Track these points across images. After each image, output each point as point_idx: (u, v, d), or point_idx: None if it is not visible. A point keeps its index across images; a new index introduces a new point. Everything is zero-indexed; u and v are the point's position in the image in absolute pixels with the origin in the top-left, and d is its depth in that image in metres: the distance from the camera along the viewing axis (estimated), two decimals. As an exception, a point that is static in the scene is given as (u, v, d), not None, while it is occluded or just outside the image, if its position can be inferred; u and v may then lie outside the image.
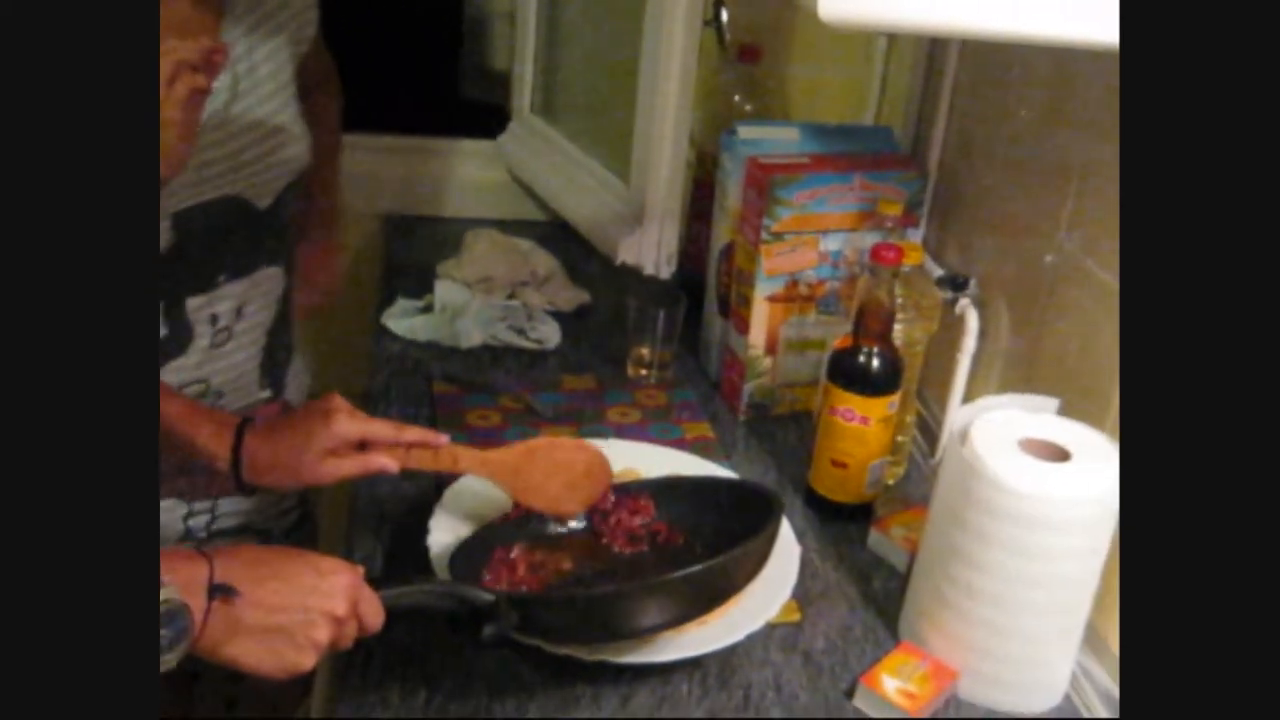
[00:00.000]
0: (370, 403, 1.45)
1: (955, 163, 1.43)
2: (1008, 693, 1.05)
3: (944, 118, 1.43)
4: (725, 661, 1.07)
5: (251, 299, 1.25)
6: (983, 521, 0.99)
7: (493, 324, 1.56)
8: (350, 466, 1.04)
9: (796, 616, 1.13)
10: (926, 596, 1.08)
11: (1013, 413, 1.06)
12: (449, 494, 1.17)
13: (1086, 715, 1.06)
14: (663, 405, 1.47)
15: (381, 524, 1.22)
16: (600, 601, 0.93)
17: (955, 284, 1.33)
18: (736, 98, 1.63)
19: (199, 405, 1.11)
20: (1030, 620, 1.01)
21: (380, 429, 1.06)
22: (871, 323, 1.20)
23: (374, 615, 0.87)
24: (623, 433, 1.39)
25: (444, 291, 1.60)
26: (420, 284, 1.68)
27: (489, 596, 0.90)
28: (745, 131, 1.40)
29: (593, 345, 1.61)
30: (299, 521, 1.50)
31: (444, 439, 1.08)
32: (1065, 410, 1.08)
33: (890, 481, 1.34)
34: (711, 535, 1.10)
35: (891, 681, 1.04)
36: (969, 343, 1.32)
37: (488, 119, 1.95)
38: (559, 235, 1.81)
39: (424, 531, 1.14)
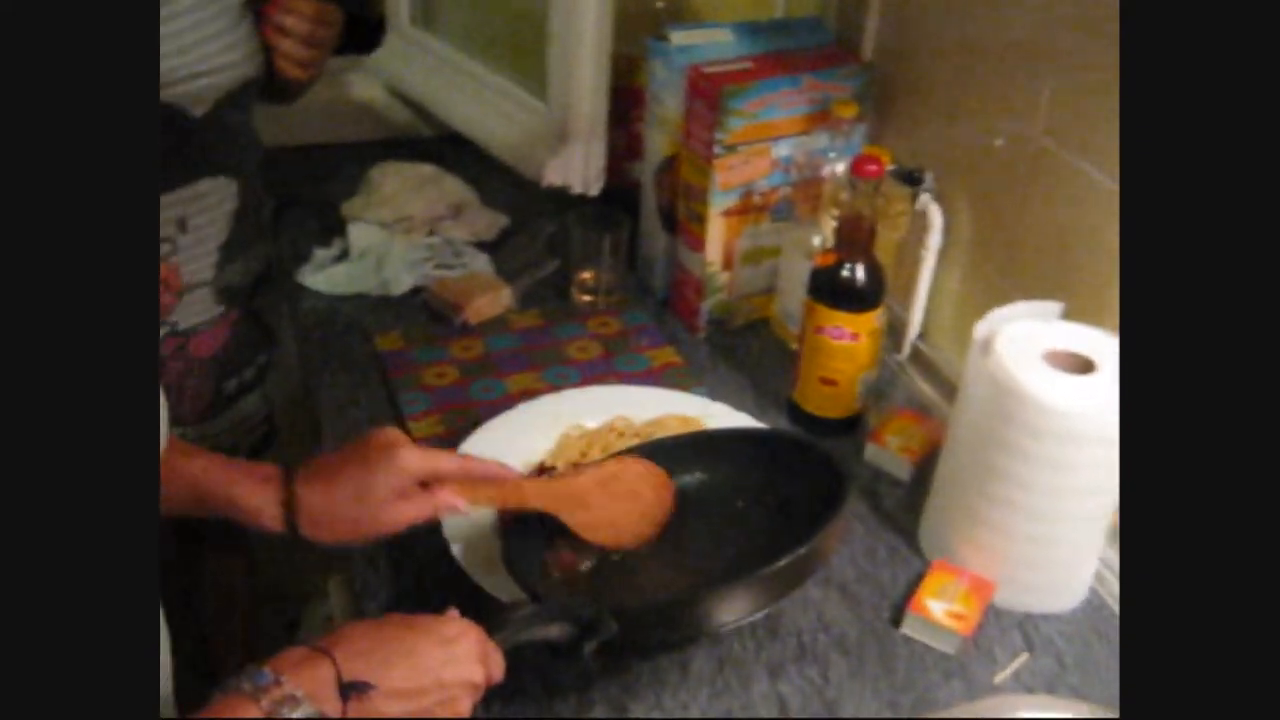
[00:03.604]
0: (310, 374, 1.34)
1: (893, 50, 1.38)
2: (1043, 596, 1.07)
3: (876, 2, 1.38)
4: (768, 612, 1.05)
5: (195, 212, 1.22)
6: (1024, 442, 0.98)
7: (420, 265, 1.45)
8: (418, 510, 0.92)
9: (821, 548, 1.12)
10: (957, 514, 1.08)
11: (1029, 324, 1.05)
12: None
13: (1111, 603, 1.08)
14: (618, 333, 1.41)
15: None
16: (705, 600, 0.88)
17: (910, 179, 1.30)
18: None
19: (227, 459, 0.97)
20: (1071, 528, 1.02)
21: (448, 464, 0.95)
22: (854, 237, 1.16)
23: (499, 667, 0.80)
24: (587, 370, 1.33)
25: (359, 235, 1.48)
26: (322, 226, 1.55)
27: (589, 611, 0.84)
28: (678, 37, 1.32)
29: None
30: (265, 438, 1.44)
31: (513, 472, 0.99)
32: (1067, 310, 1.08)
33: (868, 386, 1.33)
34: (752, 488, 1.06)
35: (937, 605, 1.04)
36: (933, 239, 1.30)
37: (359, 33, 1.79)
38: (454, 151, 1.69)
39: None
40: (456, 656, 0.77)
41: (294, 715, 0.67)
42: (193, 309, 1.28)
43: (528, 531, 1.00)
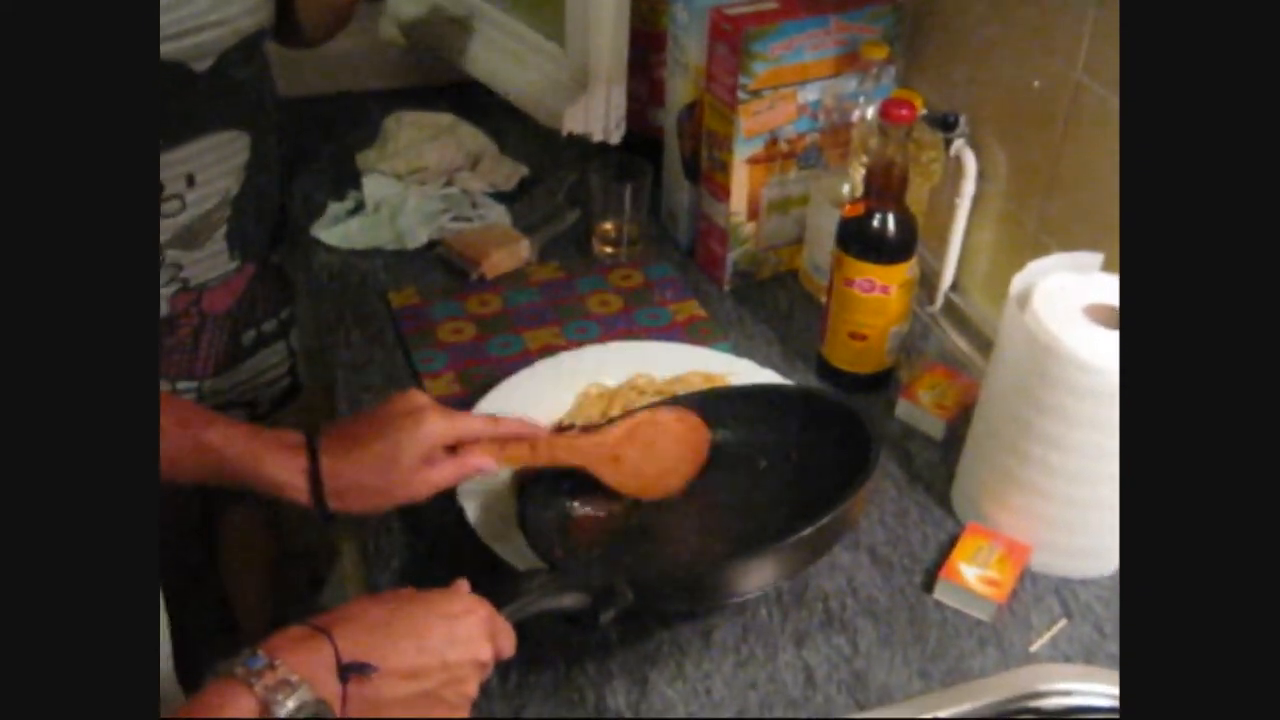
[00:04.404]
0: (325, 331, 1.31)
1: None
2: (1081, 560, 1.03)
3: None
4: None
5: (203, 166, 1.19)
6: (1063, 401, 0.94)
7: (436, 217, 1.41)
8: (447, 474, 0.90)
9: (850, 509, 1.08)
10: (991, 475, 1.03)
11: (1068, 277, 1.00)
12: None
13: (1155, 567, 1.04)
14: (641, 286, 1.36)
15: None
16: (726, 570, 0.85)
17: (945, 123, 1.24)
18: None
19: (251, 426, 0.92)
20: (1111, 490, 0.97)
21: (475, 425, 0.92)
22: (885, 185, 1.11)
23: (509, 642, 0.77)
24: (609, 325, 1.29)
25: (374, 187, 1.43)
26: (337, 178, 1.51)
27: (604, 581, 0.81)
28: (700, -22, 1.26)
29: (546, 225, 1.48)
30: (289, 390, 1.42)
31: (540, 429, 0.96)
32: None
33: (898, 340, 1.28)
34: (775, 447, 1.02)
35: (970, 570, 1.00)
36: (967, 186, 1.24)
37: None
38: (474, 98, 1.64)
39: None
40: (462, 634, 0.73)
41: (290, 701, 0.64)
42: (205, 264, 1.25)
43: (544, 494, 0.97)
